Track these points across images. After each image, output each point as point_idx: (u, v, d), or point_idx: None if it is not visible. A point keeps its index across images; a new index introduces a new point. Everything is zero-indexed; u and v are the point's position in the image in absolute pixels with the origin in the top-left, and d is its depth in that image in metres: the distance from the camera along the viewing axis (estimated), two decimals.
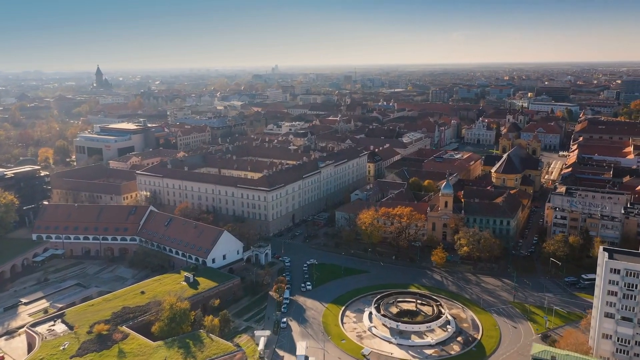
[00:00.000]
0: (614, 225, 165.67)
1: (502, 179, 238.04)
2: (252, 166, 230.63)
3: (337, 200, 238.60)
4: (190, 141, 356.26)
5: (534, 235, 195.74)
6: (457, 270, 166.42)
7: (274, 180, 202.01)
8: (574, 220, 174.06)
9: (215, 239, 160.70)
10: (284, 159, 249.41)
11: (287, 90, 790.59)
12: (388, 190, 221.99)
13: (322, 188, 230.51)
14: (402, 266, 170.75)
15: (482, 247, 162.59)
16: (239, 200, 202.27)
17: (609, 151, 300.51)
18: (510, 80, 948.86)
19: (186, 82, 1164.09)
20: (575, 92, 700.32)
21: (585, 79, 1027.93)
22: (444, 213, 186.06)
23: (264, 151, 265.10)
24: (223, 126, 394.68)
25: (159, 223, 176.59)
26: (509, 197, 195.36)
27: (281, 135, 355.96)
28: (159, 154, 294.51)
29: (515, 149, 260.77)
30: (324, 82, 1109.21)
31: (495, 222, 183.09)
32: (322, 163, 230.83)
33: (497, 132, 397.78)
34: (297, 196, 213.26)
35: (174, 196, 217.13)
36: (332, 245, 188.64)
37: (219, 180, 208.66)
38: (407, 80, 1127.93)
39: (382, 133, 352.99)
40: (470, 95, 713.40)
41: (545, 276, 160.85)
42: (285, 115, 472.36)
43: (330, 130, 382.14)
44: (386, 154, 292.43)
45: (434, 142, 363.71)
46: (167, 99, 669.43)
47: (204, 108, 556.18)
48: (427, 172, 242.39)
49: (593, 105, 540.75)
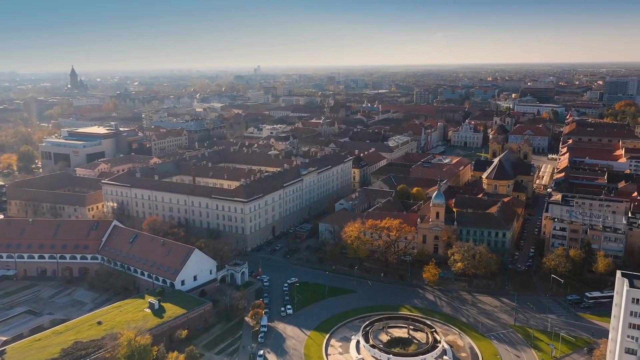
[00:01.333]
0: (618, 237, 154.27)
1: (493, 186, 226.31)
2: (229, 174, 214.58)
3: (320, 209, 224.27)
4: (165, 146, 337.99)
5: (530, 247, 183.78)
6: (451, 289, 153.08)
7: (252, 190, 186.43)
8: (574, 232, 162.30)
9: (185, 258, 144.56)
10: (264, 165, 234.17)
11: (269, 91, 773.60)
12: (375, 199, 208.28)
13: (304, 197, 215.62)
14: (391, 284, 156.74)
15: (478, 263, 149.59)
16: (214, 212, 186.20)
17: (600, 154, 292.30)
18: (494, 81, 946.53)
19: (166, 83, 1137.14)
20: (559, 93, 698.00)
21: (567, 80, 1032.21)
22: (435, 224, 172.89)
23: (243, 157, 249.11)
24: (201, 129, 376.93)
25: (123, 240, 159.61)
26: (504, 206, 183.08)
27: (262, 139, 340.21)
28: (131, 160, 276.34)
29: (506, 154, 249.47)
30: (307, 83, 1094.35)
31: (490, 234, 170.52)
32: (304, 170, 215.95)
33: (485, 135, 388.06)
34: (277, 206, 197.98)
35: (143, 207, 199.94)
36: (316, 261, 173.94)
37: (192, 190, 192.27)
38: (391, 81, 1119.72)
39: (367, 136, 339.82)
40: (454, 96, 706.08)
41: (546, 294, 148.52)
42: (266, 117, 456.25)
43: (313, 133, 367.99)
44: (372, 158, 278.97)
45: (420, 146, 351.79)
46: (144, 100, 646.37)
47: (183, 110, 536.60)
48: (415, 179, 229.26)
49: (578, 107, 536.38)
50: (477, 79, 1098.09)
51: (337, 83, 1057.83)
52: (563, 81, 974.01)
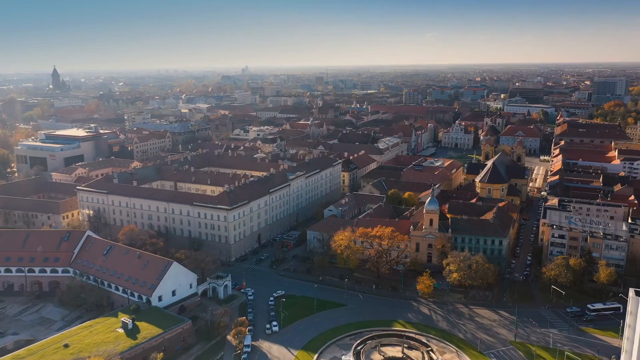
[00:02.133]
0: (619, 245, 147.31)
1: (487, 189, 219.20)
2: (212, 179, 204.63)
3: (309, 215, 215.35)
4: (148, 148, 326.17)
5: (527, 254, 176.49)
6: (447, 301, 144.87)
7: (236, 196, 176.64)
8: (574, 240, 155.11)
9: (163, 272, 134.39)
10: (249, 169, 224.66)
11: (257, 91, 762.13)
12: (365, 205, 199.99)
13: (292, 202, 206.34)
14: (383, 297, 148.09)
15: (475, 274, 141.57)
16: (196, 221, 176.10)
17: (593, 156, 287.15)
18: (483, 82, 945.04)
19: (152, 83, 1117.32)
20: (548, 94, 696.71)
21: (555, 80, 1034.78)
22: (428, 232, 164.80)
23: (227, 161, 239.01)
24: (185, 131, 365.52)
25: (97, 251, 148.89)
26: (499, 212, 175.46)
27: (248, 141, 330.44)
28: (111, 164, 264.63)
29: (500, 156, 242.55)
30: (295, 84, 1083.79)
31: (486, 242, 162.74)
32: (291, 174, 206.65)
33: (475, 136, 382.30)
34: (263, 213, 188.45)
35: (121, 215, 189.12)
36: (303, 271, 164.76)
37: (173, 197, 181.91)
38: (380, 81, 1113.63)
39: (357, 138, 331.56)
40: (443, 96, 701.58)
41: (545, 305, 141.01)
42: (253, 118, 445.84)
43: (302, 135, 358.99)
44: (361, 161, 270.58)
45: (410, 147, 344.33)
46: (128, 101, 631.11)
47: (167, 111, 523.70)
48: (406, 183, 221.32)
49: (567, 107, 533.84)
50: (465, 79, 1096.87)
51: (326, 83, 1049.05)
52: (551, 81, 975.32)
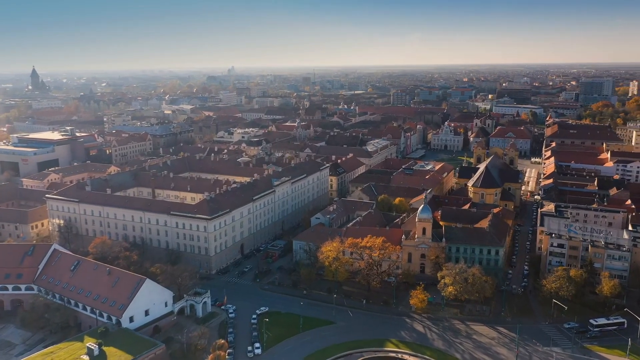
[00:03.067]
0: (622, 255, 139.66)
1: (480, 194, 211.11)
2: (192, 186, 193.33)
3: (295, 222, 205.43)
4: (127, 152, 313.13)
5: (524, 263, 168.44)
6: (442, 317, 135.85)
7: (217, 205, 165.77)
8: (574, 249, 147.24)
9: (134, 290, 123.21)
10: (232, 174, 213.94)
11: (243, 92, 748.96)
12: (354, 211, 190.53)
13: (277, 210, 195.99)
14: (375, 313, 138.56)
15: (471, 288, 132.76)
16: (174, 231, 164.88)
17: (585, 158, 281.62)
18: (470, 82, 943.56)
19: (135, 84, 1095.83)
20: (535, 94, 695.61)
21: (541, 80, 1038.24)
22: (421, 242, 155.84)
23: (209, 166, 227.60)
24: (167, 134, 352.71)
25: (63, 267, 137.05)
26: (495, 219, 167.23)
27: (232, 144, 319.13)
28: (86, 169, 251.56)
29: (492, 160, 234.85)
30: (282, 84, 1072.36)
31: (481, 252, 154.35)
32: (276, 180, 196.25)
33: (465, 137, 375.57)
34: (246, 222, 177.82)
35: (94, 225, 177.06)
36: (289, 285, 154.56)
37: (149, 206, 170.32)
38: (367, 81, 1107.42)
39: (344, 140, 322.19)
40: (431, 97, 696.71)
41: (546, 320, 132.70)
42: (238, 120, 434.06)
43: (288, 137, 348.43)
44: (350, 165, 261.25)
45: (400, 150, 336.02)
46: (109, 102, 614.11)
47: (150, 113, 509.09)
48: (397, 188, 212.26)
49: (556, 108, 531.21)
50: (452, 79, 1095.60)
51: (313, 84, 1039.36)
52: (537, 82, 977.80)
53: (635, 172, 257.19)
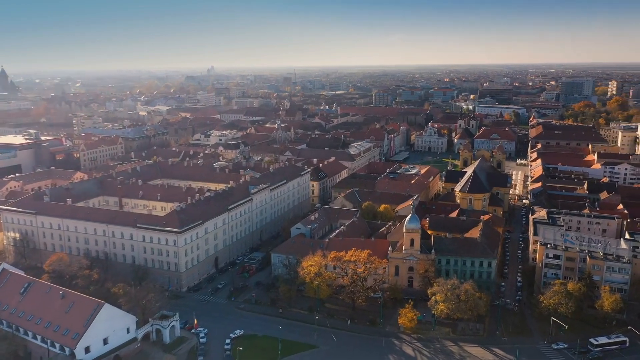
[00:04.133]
0: (622, 267, 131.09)
1: (468, 200, 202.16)
2: (163, 194, 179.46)
3: (274, 232, 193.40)
4: (97, 156, 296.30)
5: (517, 275, 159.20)
6: (433, 337, 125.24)
7: (189, 216, 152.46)
8: (571, 261, 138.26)
9: (91, 316, 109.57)
10: (207, 181, 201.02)
11: (222, 93, 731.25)
12: (337, 220, 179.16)
13: (254, 219, 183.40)
14: (361, 334, 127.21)
15: (464, 306, 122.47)
16: (140, 245, 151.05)
17: (572, 160, 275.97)
18: (452, 82, 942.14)
19: (111, 84, 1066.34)
20: (516, 94, 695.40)
21: (520, 80, 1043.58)
22: (409, 254, 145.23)
23: (182, 171, 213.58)
24: (140, 137, 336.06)
25: (12, 289, 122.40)
26: (486, 228, 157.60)
27: (209, 147, 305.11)
28: (51, 176, 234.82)
29: (479, 163, 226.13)
30: (263, 84, 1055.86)
31: (473, 264, 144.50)
32: (254, 187, 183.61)
33: (449, 139, 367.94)
34: (221, 234, 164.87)
35: (53, 239, 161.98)
36: (267, 303, 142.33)
37: (113, 218, 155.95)
38: (348, 82, 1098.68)
39: (326, 143, 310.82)
40: (414, 97, 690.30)
41: (544, 340, 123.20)
42: (216, 122, 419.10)
43: (267, 139, 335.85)
44: (332, 168, 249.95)
45: (383, 152, 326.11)
46: (82, 103, 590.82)
47: (124, 114, 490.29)
48: (381, 194, 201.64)
49: (538, 108, 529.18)
50: (433, 79, 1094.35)
51: (294, 84, 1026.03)
52: (517, 82, 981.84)
53: (622, 174, 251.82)
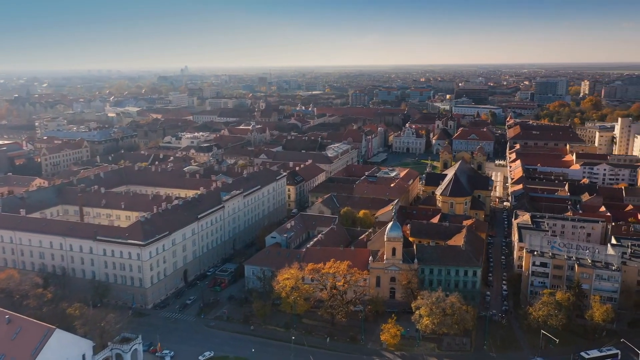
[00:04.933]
0: (612, 275, 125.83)
1: (449, 203, 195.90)
2: (128, 203, 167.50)
3: (248, 240, 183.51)
4: (60, 160, 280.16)
5: (502, 282, 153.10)
6: (418, 354, 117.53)
7: (154, 227, 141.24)
8: (558, 269, 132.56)
9: (40, 343, 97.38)
10: (176, 187, 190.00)
11: (195, 93, 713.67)
12: (315, 228, 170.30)
13: (226, 228, 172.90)
14: (341, 352, 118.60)
15: (450, 320, 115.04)
16: (101, 260, 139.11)
17: (551, 160, 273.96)
18: (427, 82, 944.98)
19: (80, 84, 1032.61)
20: (492, 94, 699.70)
21: (495, 80, 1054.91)
22: (391, 263, 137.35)
23: (150, 177, 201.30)
24: (107, 139, 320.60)
25: None
26: (470, 234, 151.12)
27: (180, 150, 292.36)
28: (7, 183, 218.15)
29: (460, 165, 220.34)
30: (237, 84, 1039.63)
31: (457, 273, 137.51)
32: (226, 194, 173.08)
33: (427, 139, 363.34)
34: (190, 245, 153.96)
35: (4, 254, 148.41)
36: (240, 320, 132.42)
37: (71, 230, 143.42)
38: (324, 82, 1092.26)
39: (303, 145, 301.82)
40: (390, 97, 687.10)
41: (534, 354, 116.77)
42: (188, 123, 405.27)
43: (242, 141, 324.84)
44: (309, 172, 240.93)
45: (361, 154, 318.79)
46: (47, 105, 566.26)
47: (92, 116, 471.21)
48: (360, 199, 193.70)
49: (514, 108, 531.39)
50: (409, 79, 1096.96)
51: (269, 84, 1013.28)
52: (492, 81, 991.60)
53: (601, 175, 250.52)
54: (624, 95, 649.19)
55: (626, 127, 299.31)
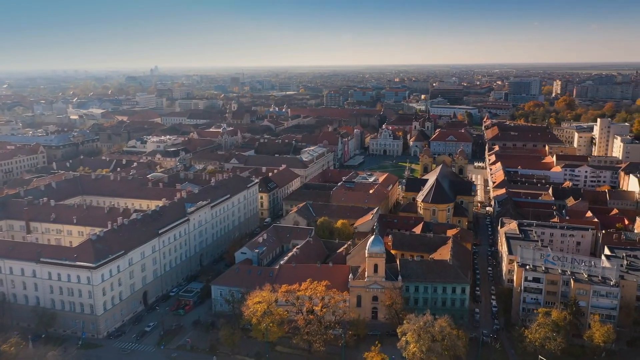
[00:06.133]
0: (611, 291, 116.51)
1: (431, 211, 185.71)
2: (80, 216, 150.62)
3: (217, 254, 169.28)
4: (12, 167, 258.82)
5: (490, 297, 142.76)
6: None
7: (108, 245, 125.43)
8: (553, 284, 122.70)
9: None
10: (137, 198, 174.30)
11: (164, 94, 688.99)
12: (289, 240, 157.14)
13: (192, 242, 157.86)
14: None
15: (440, 348, 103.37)
16: (46, 284, 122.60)
17: (531, 163, 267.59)
18: (402, 82, 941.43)
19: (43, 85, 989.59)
20: (466, 94, 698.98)
21: (468, 80, 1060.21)
22: (373, 281, 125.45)
23: (108, 187, 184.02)
24: (66, 144, 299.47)
25: None
26: (456, 246, 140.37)
27: (145, 155, 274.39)
28: None
29: (442, 169, 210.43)
30: (209, 85, 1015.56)
31: (445, 291, 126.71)
32: (191, 205, 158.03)
33: (405, 141, 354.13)
34: (150, 263, 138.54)
35: None
36: (206, 349, 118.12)
37: (10, 250, 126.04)
38: (299, 82, 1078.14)
39: (276, 148, 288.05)
40: (365, 98, 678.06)
41: None
42: (155, 126, 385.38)
43: (212, 145, 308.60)
44: (283, 178, 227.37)
45: (337, 157, 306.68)
46: (4, 107, 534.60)
47: (53, 118, 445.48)
48: (338, 207, 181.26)
49: (489, 108, 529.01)
50: (384, 79, 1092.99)
51: (242, 84, 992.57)
52: (465, 81, 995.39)
53: (583, 177, 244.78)
54: (595, 94, 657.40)
55: (605, 127, 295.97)
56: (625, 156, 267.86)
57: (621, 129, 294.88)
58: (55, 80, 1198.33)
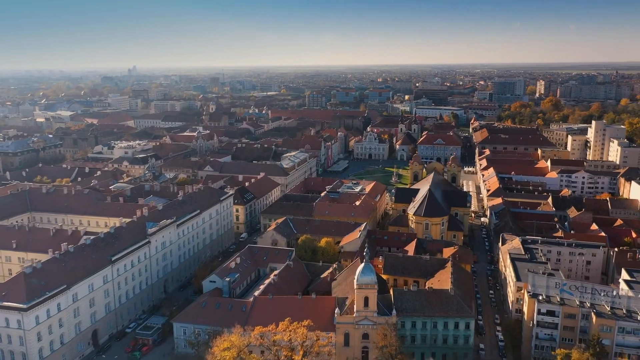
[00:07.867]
0: (638, 328, 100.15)
1: (424, 224, 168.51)
2: (22, 240, 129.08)
3: (185, 278, 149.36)
4: None
5: (495, 328, 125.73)
6: None
7: (45, 280, 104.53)
8: (570, 318, 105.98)
9: None
10: (93, 215, 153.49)
11: (139, 95, 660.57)
12: (266, 264, 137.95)
13: (154, 268, 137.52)
14: None
15: None
16: None
17: (524, 168, 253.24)
18: (385, 82, 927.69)
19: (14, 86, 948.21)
20: (450, 94, 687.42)
21: (450, 80, 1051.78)
22: (363, 316, 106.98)
23: (60, 202, 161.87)
24: (24, 150, 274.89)
25: None
26: (457, 271, 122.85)
27: (112, 162, 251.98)
28: None
29: (434, 178, 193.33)
30: (189, 85, 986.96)
31: (446, 326, 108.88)
32: (153, 225, 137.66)
33: (390, 144, 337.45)
34: (101, 297, 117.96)
35: None
36: None
37: None
38: (280, 82, 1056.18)
39: (255, 154, 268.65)
40: (349, 98, 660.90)
41: None
42: (126, 129, 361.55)
43: (185, 150, 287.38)
44: (261, 187, 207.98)
45: (320, 162, 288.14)
46: None
47: (17, 121, 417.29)
48: (321, 223, 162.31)
49: (475, 109, 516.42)
50: (367, 79, 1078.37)
51: (222, 84, 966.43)
52: (448, 81, 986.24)
53: (580, 183, 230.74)
54: (579, 94, 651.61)
55: (600, 130, 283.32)
56: (622, 161, 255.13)
57: (617, 131, 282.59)
58: (28, 81, 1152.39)
